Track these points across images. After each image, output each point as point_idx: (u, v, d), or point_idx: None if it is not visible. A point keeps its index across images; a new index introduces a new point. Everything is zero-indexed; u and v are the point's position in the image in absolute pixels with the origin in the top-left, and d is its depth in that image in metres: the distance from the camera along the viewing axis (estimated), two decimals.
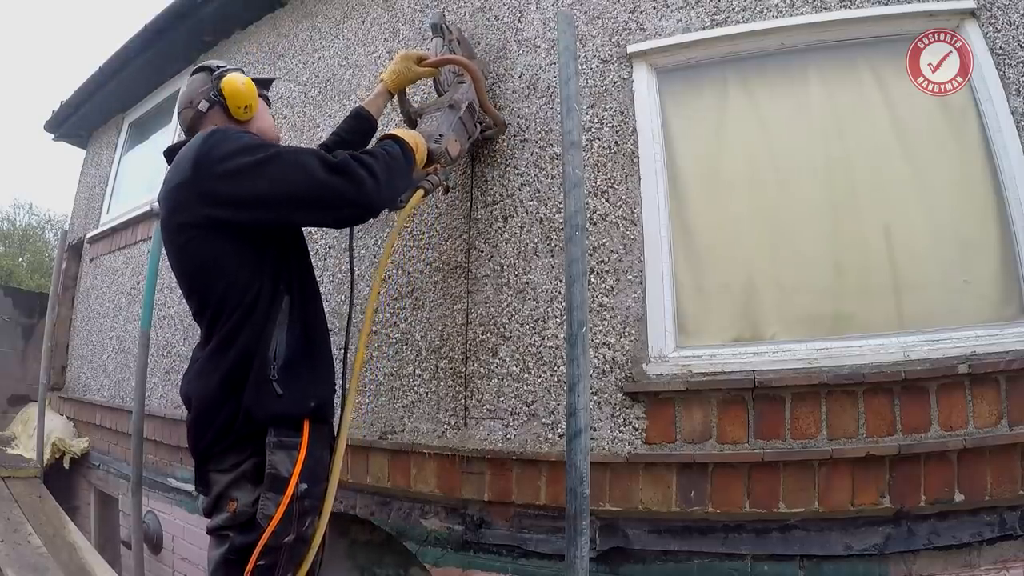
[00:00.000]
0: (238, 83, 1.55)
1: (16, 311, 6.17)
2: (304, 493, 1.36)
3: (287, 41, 3.29)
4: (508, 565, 1.95)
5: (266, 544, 1.30)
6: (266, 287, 1.41)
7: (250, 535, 1.32)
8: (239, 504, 1.34)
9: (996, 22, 1.83)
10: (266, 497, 1.32)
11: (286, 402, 1.37)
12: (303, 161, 1.38)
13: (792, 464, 1.69)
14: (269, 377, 1.36)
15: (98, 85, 4.58)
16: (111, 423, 3.90)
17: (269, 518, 1.31)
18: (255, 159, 1.36)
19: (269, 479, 1.33)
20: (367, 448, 2.28)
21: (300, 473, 1.35)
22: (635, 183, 2.02)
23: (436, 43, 2.10)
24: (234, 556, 1.33)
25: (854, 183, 1.91)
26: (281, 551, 1.34)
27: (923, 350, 1.70)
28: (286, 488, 1.33)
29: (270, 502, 1.32)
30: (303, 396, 1.41)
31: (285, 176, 1.35)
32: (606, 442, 1.87)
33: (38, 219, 18.47)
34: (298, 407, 1.40)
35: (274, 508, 1.31)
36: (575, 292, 1.55)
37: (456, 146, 1.90)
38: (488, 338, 2.12)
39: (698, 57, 2.09)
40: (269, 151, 1.39)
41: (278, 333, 1.40)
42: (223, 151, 1.37)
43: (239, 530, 1.33)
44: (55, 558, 2.71)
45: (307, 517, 1.39)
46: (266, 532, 1.30)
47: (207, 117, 1.57)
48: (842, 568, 1.66)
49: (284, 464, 1.34)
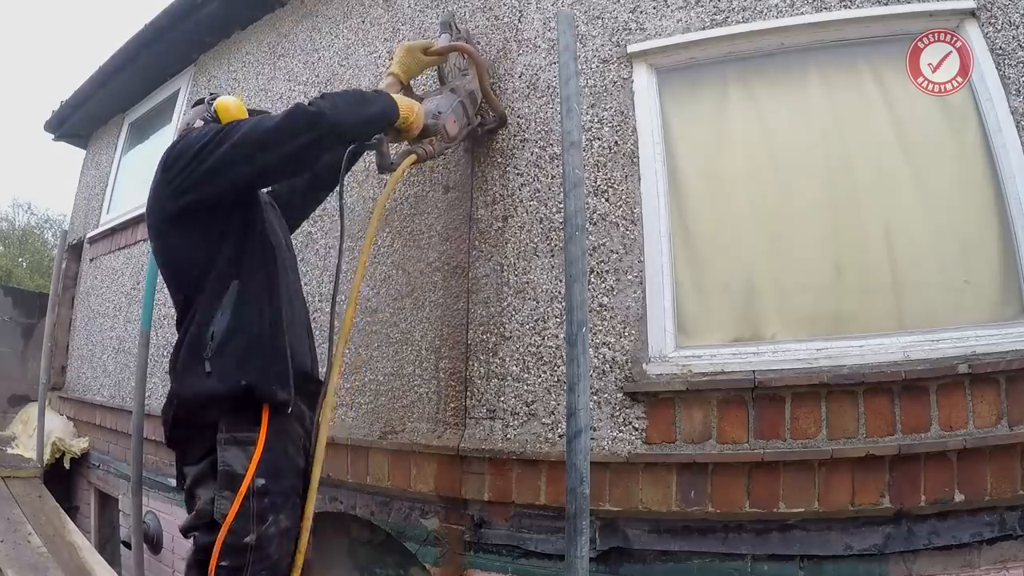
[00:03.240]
0: (229, 102, 1.66)
1: (16, 311, 6.17)
2: (262, 489, 1.31)
3: (287, 41, 3.29)
4: (508, 565, 1.95)
5: (226, 543, 1.27)
6: (219, 273, 1.44)
7: (211, 534, 1.29)
8: (202, 501, 1.32)
9: (996, 22, 1.83)
10: (221, 496, 1.29)
11: (213, 381, 1.33)
12: (255, 120, 1.48)
13: (792, 464, 1.69)
14: (202, 356, 1.35)
15: (98, 85, 4.58)
16: (111, 423, 3.89)
17: (224, 515, 1.27)
18: (213, 133, 1.43)
19: (223, 476, 1.30)
20: (367, 448, 2.28)
21: (256, 469, 1.31)
22: (635, 183, 2.02)
23: (444, 38, 2.16)
24: (201, 555, 1.30)
25: (854, 183, 1.91)
26: (247, 552, 1.29)
27: (923, 350, 1.70)
28: (240, 485, 1.29)
29: (225, 500, 1.28)
30: (234, 373, 1.35)
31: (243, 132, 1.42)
32: (606, 442, 1.87)
33: (38, 219, 18.50)
34: (226, 385, 1.34)
35: (229, 506, 1.28)
36: (575, 292, 1.55)
37: (454, 126, 1.93)
38: (488, 338, 2.12)
39: (698, 57, 2.08)
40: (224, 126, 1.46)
41: (220, 314, 1.39)
42: (185, 143, 1.45)
43: (204, 529, 1.31)
44: (55, 558, 2.71)
45: (269, 515, 1.33)
46: (221, 531, 1.26)
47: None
48: (842, 568, 1.66)
49: (239, 460, 1.31)
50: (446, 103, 1.94)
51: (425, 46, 2.03)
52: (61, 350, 4.92)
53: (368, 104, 1.62)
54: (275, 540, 1.34)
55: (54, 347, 4.70)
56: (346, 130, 1.54)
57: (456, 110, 1.96)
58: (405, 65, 1.98)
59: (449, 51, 2.07)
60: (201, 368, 1.34)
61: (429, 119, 1.84)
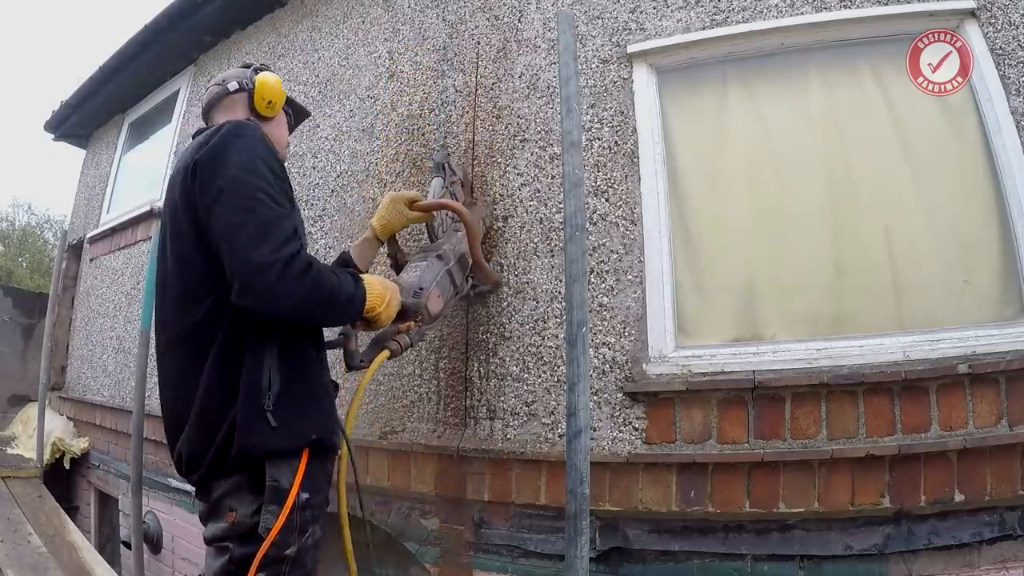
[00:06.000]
0: (271, 80, 1.56)
1: (16, 311, 6.17)
2: (305, 503, 1.32)
3: (287, 41, 3.29)
4: (508, 565, 1.95)
5: (267, 555, 1.27)
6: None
7: (250, 546, 1.28)
8: (239, 515, 1.30)
9: (996, 22, 1.83)
10: (267, 510, 1.28)
11: (282, 437, 1.30)
12: (274, 225, 1.27)
13: (792, 464, 1.69)
14: (263, 407, 1.29)
15: (98, 85, 4.57)
16: (111, 423, 3.89)
17: (269, 530, 1.27)
18: (249, 191, 1.28)
19: (270, 491, 1.29)
20: (367, 448, 2.28)
21: (301, 483, 1.31)
22: (635, 183, 2.02)
23: (436, 183, 1.98)
24: (234, 568, 1.29)
25: (854, 183, 1.91)
26: (284, 564, 1.30)
27: (923, 350, 1.70)
28: (287, 498, 1.29)
29: (271, 515, 1.28)
30: (303, 429, 1.34)
31: (243, 216, 1.26)
32: (606, 442, 1.87)
33: (38, 219, 18.50)
34: (295, 442, 1.33)
35: (274, 520, 1.28)
36: (575, 292, 1.55)
37: (438, 302, 1.71)
38: (488, 338, 2.12)
39: (698, 57, 2.09)
40: (264, 201, 1.28)
41: (269, 355, 1.32)
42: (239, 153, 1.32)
43: (239, 541, 1.30)
44: (55, 558, 2.71)
45: (309, 527, 1.34)
46: (266, 542, 1.26)
47: (228, 99, 1.57)
48: (842, 568, 1.66)
49: (285, 475, 1.31)
50: (430, 274, 1.71)
51: (412, 198, 1.80)
52: (61, 350, 4.92)
53: (333, 315, 1.45)
54: (311, 551, 1.36)
55: (54, 347, 4.70)
56: (270, 310, 1.29)
57: (442, 282, 1.73)
58: (385, 220, 1.77)
59: (435, 209, 1.83)
60: (265, 423, 1.29)
61: (410, 297, 1.63)
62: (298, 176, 2.93)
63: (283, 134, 1.68)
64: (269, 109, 1.59)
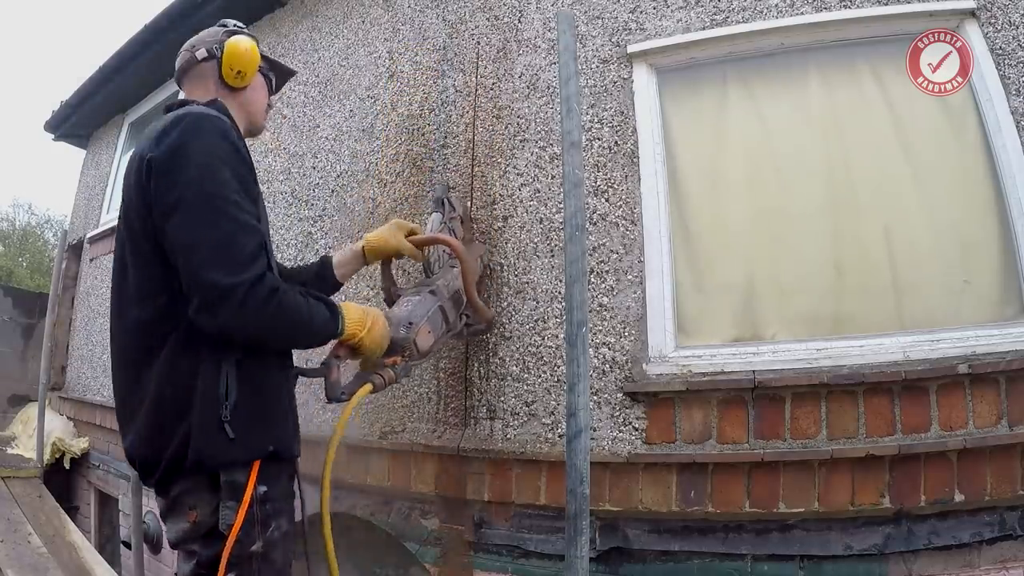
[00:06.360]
0: (241, 47, 1.45)
1: (16, 311, 6.17)
2: (264, 496, 1.29)
3: (287, 41, 3.29)
4: (508, 565, 1.95)
5: (233, 553, 1.23)
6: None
7: (214, 547, 1.25)
8: (199, 514, 1.27)
9: (996, 22, 1.83)
10: (226, 506, 1.25)
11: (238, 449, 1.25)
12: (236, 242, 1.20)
13: (792, 464, 1.69)
14: (220, 417, 1.23)
15: (98, 85, 4.58)
16: (111, 423, 3.89)
17: (230, 527, 1.24)
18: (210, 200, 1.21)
19: (227, 488, 1.25)
20: (367, 448, 2.28)
21: (257, 476, 1.27)
22: (635, 183, 2.02)
23: (435, 218, 1.95)
24: (204, 571, 1.26)
25: (854, 183, 1.91)
26: (252, 561, 1.26)
27: (923, 350, 1.70)
28: (243, 494, 1.25)
29: (230, 511, 1.25)
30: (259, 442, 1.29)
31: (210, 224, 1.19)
32: (606, 442, 1.87)
33: (38, 219, 18.51)
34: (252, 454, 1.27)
35: (234, 516, 1.24)
36: (575, 292, 1.55)
37: (428, 338, 1.63)
38: (488, 338, 2.12)
39: (698, 57, 2.09)
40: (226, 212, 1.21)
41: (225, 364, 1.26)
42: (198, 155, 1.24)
43: (203, 542, 1.27)
44: (55, 558, 2.71)
45: (272, 520, 1.30)
46: (229, 539, 1.23)
47: (198, 68, 1.50)
48: (842, 568, 1.66)
49: (241, 472, 1.27)
50: (422, 309, 1.65)
51: (411, 230, 1.77)
52: (61, 350, 4.92)
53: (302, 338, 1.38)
54: (279, 545, 1.33)
55: (54, 347, 4.70)
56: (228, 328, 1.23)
57: (433, 318, 1.66)
58: (380, 239, 1.72)
59: (430, 243, 1.79)
60: (223, 434, 1.24)
61: (399, 331, 1.56)
62: (298, 176, 2.93)
63: (260, 99, 1.57)
64: (239, 79, 1.48)
